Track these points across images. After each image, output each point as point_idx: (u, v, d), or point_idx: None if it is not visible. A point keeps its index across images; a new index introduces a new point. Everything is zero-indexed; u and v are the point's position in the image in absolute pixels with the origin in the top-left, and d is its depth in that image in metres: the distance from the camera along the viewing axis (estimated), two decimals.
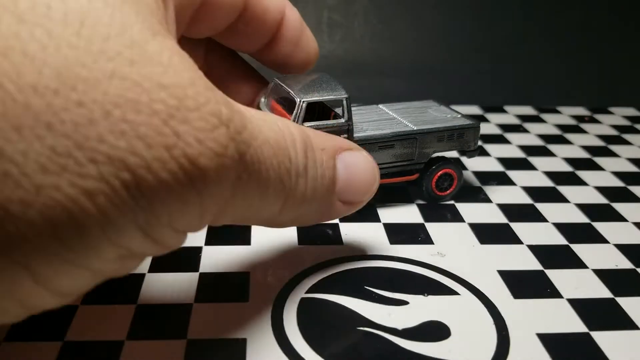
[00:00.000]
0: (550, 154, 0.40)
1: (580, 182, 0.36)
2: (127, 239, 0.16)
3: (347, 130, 0.29)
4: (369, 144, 0.30)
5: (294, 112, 0.27)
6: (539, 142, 0.42)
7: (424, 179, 0.32)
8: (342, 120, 0.28)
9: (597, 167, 0.38)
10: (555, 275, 0.26)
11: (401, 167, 0.31)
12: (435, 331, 0.22)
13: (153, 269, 0.25)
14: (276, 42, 0.30)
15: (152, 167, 0.15)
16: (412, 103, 0.34)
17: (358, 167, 0.24)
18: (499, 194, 0.34)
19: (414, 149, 0.31)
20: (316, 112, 0.29)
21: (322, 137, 0.23)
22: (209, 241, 0.28)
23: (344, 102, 0.28)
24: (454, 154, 0.33)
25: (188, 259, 0.26)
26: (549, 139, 0.43)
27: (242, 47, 0.31)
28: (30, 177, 0.14)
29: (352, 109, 0.31)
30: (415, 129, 0.30)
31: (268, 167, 0.19)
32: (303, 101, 0.27)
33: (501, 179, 0.36)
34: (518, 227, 0.30)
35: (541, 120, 0.47)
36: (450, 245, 0.28)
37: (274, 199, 0.20)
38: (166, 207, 0.16)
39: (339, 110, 0.29)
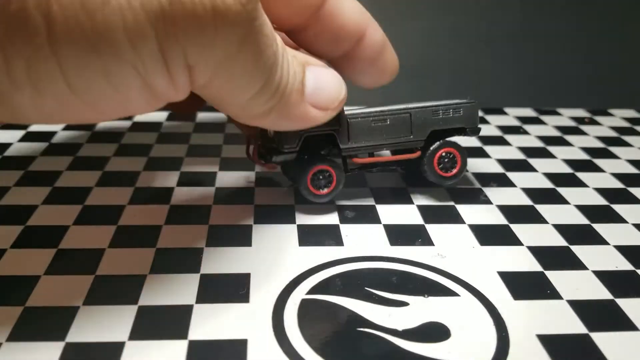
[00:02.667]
0: (550, 155, 0.40)
1: (580, 184, 0.36)
2: (144, 42, 0.18)
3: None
4: (362, 118, 0.30)
5: None
6: (539, 144, 0.42)
7: (425, 159, 0.32)
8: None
9: (597, 169, 0.38)
10: (555, 277, 0.26)
11: (400, 145, 0.31)
12: (435, 332, 0.22)
13: (154, 270, 0.25)
14: (350, 59, 0.31)
15: None
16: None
17: (325, 76, 0.26)
18: (499, 195, 0.34)
19: (409, 125, 0.31)
20: None
21: (293, 49, 0.26)
22: (210, 242, 0.28)
23: None
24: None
25: (189, 260, 0.26)
26: (548, 140, 0.43)
27: (312, 51, 0.31)
28: None
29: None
30: (408, 106, 0.31)
31: (264, 43, 0.22)
32: None
33: (501, 181, 0.36)
34: (518, 229, 0.30)
35: (541, 122, 0.47)
36: (450, 247, 0.28)
37: (257, 77, 0.22)
38: (184, 32, 0.19)
39: None
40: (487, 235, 0.29)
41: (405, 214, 0.31)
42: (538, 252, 0.28)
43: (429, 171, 0.32)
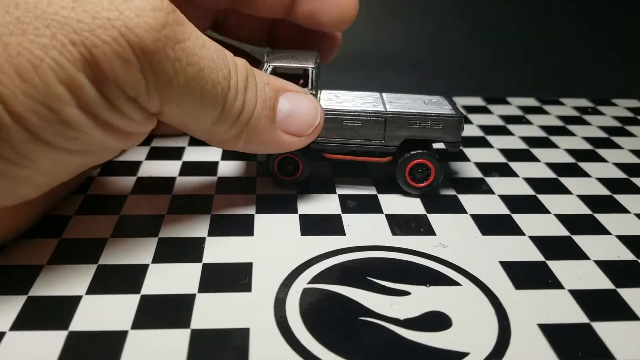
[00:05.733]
0: (552, 145, 0.40)
1: (583, 174, 0.36)
2: (81, 90, 0.20)
3: None
4: (333, 116, 0.30)
5: None
6: (542, 134, 0.42)
7: (397, 168, 0.31)
8: (305, 89, 0.29)
9: (600, 159, 0.38)
10: (557, 266, 0.26)
11: (370, 147, 0.31)
12: (436, 321, 0.23)
13: (156, 259, 0.25)
14: (297, 2, 0.32)
15: (95, 32, 0.19)
16: (418, 96, 0.33)
17: (301, 102, 0.27)
18: (501, 185, 0.34)
19: (382, 130, 0.30)
20: (286, 79, 0.30)
21: (269, 76, 0.27)
22: (212, 232, 0.28)
23: (310, 72, 0.29)
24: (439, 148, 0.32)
25: (191, 249, 0.26)
26: (551, 130, 0.43)
27: (264, 13, 0.32)
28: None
29: (354, 92, 0.33)
30: (383, 110, 0.30)
31: (205, 65, 0.22)
32: (270, 65, 0.29)
33: (503, 170, 0.36)
34: (520, 218, 0.30)
35: (544, 112, 0.47)
36: (452, 236, 0.28)
37: (209, 103, 0.23)
38: (110, 66, 0.20)
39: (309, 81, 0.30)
40: (489, 224, 0.29)
41: (407, 203, 0.31)
42: (540, 241, 0.28)
43: (399, 179, 0.31)
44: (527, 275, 0.25)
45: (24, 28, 0.19)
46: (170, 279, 0.24)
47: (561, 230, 0.29)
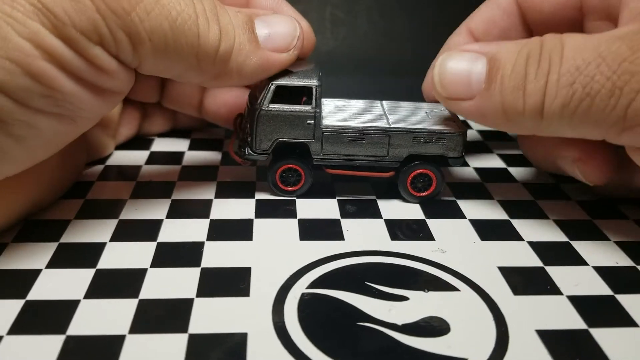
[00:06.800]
0: None
1: None
2: (44, 40, 0.21)
3: (313, 117, 0.30)
4: (337, 134, 0.30)
5: (263, 92, 0.29)
6: None
7: (399, 176, 0.31)
8: (309, 107, 0.29)
9: None
10: (555, 272, 0.26)
11: (373, 163, 0.31)
12: (435, 327, 0.22)
13: (155, 263, 0.25)
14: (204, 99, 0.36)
15: None
16: (418, 104, 0.33)
17: (276, 20, 0.28)
18: (500, 190, 0.34)
19: (385, 147, 0.30)
20: (288, 97, 0.30)
21: (238, 6, 0.28)
22: (211, 236, 0.28)
23: (314, 90, 0.29)
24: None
25: (190, 254, 0.26)
26: None
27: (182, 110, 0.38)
28: None
29: (354, 101, 0.33)
30: (387, 126, 0.30)
31: (168, 6, 0.23)
32: (272, 83, 0.29)
33: (502, 176, 0.36)
34: (518, 224, 0.30)
35: None
36: (451, 242, 0.28)
37: (184, 33, 0.24)
38: (62, 9, 0.21)
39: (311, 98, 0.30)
40: (488, 230, 0.29)
41: (406, 208, 0.31)
42: (538, 247, 0.28)
43: (401, 189, 0.31)
44: (526, 281, 0.25)
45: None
46: (168, 283, 0.24)
47: (560, 236, 0.29)
